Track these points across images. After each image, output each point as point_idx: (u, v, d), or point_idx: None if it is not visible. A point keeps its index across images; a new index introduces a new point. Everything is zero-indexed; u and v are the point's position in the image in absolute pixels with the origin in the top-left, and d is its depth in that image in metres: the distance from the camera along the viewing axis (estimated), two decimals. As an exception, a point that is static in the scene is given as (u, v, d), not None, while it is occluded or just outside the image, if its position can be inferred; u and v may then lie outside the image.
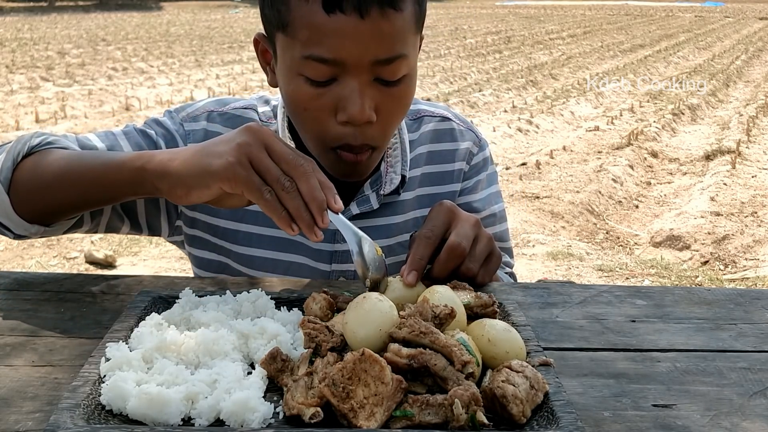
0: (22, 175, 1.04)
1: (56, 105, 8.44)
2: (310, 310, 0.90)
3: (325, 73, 1.03)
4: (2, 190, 1.03)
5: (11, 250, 4.41)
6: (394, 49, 1.02)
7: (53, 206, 1.06)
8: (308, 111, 1.07)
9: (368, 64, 1.02)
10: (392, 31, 1.01)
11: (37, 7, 28.26)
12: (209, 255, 1.26)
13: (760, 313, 1.06)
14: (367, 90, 1.03)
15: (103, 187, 1.02)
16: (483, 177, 1.35)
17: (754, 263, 4.35)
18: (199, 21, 22.45)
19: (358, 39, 1.00)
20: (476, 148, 1.35)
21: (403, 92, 1.08)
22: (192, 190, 0.92)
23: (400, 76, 1.05)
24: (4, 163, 1.04)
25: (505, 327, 0.83)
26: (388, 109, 1.07)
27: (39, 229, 1.08)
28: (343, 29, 0.99)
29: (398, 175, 1.24)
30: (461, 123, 1.36)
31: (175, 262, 4.25)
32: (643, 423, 0.76)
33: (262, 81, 10.19)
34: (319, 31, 1.00)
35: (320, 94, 1.05)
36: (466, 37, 17.41)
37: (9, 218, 1.05)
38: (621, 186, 5.83)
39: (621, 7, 33.25)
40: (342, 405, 0.69)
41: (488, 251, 1.06)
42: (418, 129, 1.31)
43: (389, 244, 1.25)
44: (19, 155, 1.05)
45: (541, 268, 4.19)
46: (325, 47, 1.01)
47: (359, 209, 1.22)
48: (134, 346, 0.81)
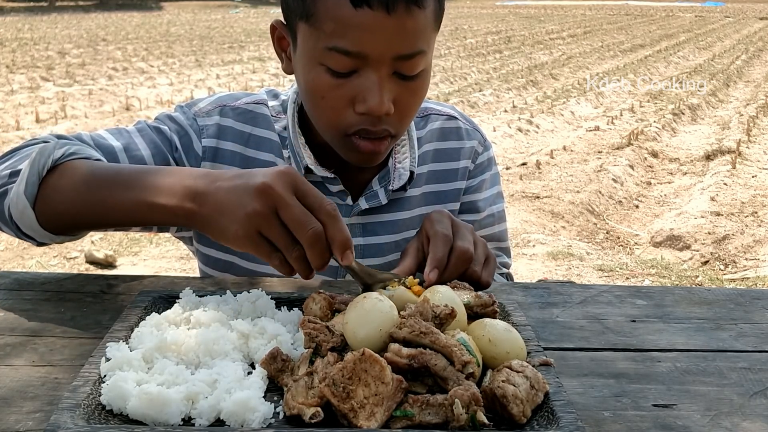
0: (47, 193, 1.00)
1: (56, 105, 8.44)
2: (310, 310, 0.90)
3: (347, 65, 1.05)
4: (28, 206, 1.00)
5: (11, 250, 4.41)
6: (416, 45, 1.05)
7: (80, 225, 1.04)
8: (326, 99, 1.09)
9: (390, 58, 1.04)
10: (415, 28, 1.03)
11: (37, 7, 28.25)
12: (216, 253, 1.26)
13: (760, 313, 1.06)
14: (386, 83, 1.05)
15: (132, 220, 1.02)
16: (487, 177, 1.37)
17: (755, 263, 4.35)
18: (200, 21, 22.45)
19: (383, 34, 1.02)
20: (481, 147, 1.37)
21: (419, 86, 1.10)
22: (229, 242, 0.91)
23: (418, 71, 1.08)
24: (29, 178, 1.00)
25: (505, 327, 0.83)
26: (405, 102, 1.09)
27: (64, 239, 1.07)
28: (369, 23, 1.01)
29: (407, 171, 1.25)
30: (467, 122, 1.37)
31: (175, 262, 4.25)
32: (643, 423, 0.76)
33: (262, 81, 10.19)
34: (345, 24, 1.02)
35: (340, 84, 1.06)
36: (467, 37, 17.41)
37: (34, 231, 1.03)
38: (621, 186, 5.82)
39: (621, 7, 33.25)
40: (342, 405, 0.69)
41: (485, 254, 1.08)
42: (425, 126, 1.33)
43: (395, 240, 1.26)
44: (44, 169, 1.01)
45: (541, 268, 4.19)
46: (350, 40, 1.02)
47: (368, 204, 1.23)
48: (134, 346, 0.81)
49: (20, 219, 1.01)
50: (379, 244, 1.25)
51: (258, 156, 1.24)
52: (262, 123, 1.25)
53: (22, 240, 1.07)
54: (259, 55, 13.39)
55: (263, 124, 1.25)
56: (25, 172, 1.00)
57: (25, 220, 1.01)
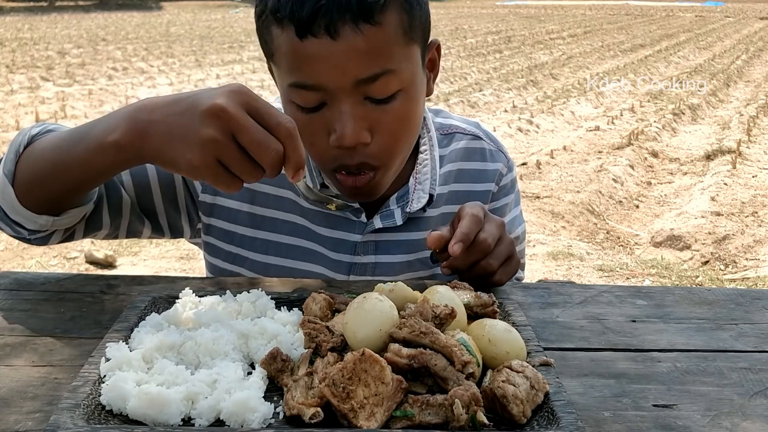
0: (20, 167, 1.00)
1: (56, 105, 8.44)
2: (310, 311, 0.89)
3: (311, 99, 1.02)
4: (7, 183, 1.00)
5: (11, 250, 4.41)
6: (377, 65, 0.99)
7: (51, 193, 1.01)
8: (304, 136, 1.03)
9: (350, 84, 0.99)
10: (370, 48, 0.98)
11: (37, 7, 28.26)
12: (222, 264, 1.25)
13: (760, 313, 1.06)
14: (357, 111, 1.01)
15: (90, 171, 0.96)
16: (510, 199, 1.34)
17: (755, 263, 4.35)
18: (199, 21, 22.45)
19: (333, 61, 0.98)
20: (506, 169, 1.33)
21: (400, 108, 1.04)
22: (170, 169, 0.88)
23: (391, 93, 1.03)
24: (7, 156, 1.01)
25: (505, 327, 0.83)
26: (385, 128, 1.04)
27: (48, 220, 1.02)
28: (317, 53, 0.98)
29: (426, 194, 1.21)
30: (491, 143, 1.33)
31: (175, 262, 4.25)
32: (643, 423, 0.76)
33: (262, 81, 10.19)
34: (297, 58, 0.99)
35: (311, 119, 1.03)
36: (467, 37, 17.41)
37: (17, 211, 1.01)
38: (621, 186, 5.82)
39: (621, 7, 33.24)
40: (342, 405, 0.69)
41: (509, 253, 1.06)
42: (449, 145, 1.29)
43: (408, 260, 1.22)
44: (20, 146, 1.01)
45: (541, 268, 4.19)
46: (304, 73, 1.00)
47: (382, 224, 1.19)
48: (134, 346, 0.81)
49: (3, 199, 1.01)
50: (392, 263, 1.22)
51: None
52: None
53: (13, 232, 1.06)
54: (259, 55, 13.36)
55: None
56: (7, 153, 1.01)
57: (7, 198, 1.00)
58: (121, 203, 1.16)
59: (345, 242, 1.20)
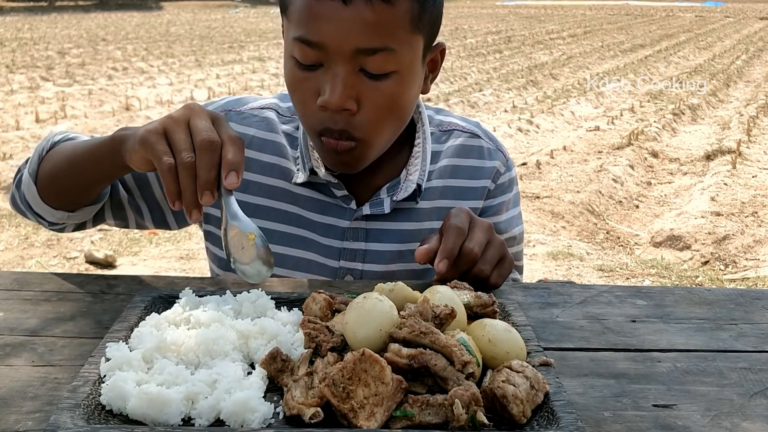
0: (43, 168, 1.17)
1: (56, 105, 8.44)
2: (310, 310, 0.89)
3: (310, 56, 1.06)
4: (31, 181, 1.17)
5: (11, 250, 4.41)
6: (379, 40, 1.04)
7: (68, 190, 1.17)
8: (296, 93, 1.11)
9: (350, 51, 1.04)
10: (377, 22, 1.02)
11: (37, 7, 28.25)
12: (220, 252, 1.27)
13: (760, 313, 1.06)
14: (349, 79, 1.05)
15: (96, 165, 1.11)
16: (508, 198, 1.35)
17: (755, 263, 4.35)
18: (199, 21, 22.44)
19: (340, 24, 1.02)
20: (504, 168, 1.33)
21: (391, 89, 1.08)
22: (132, 154, 0.99)
23: (387, 71, 1.06)
24: (33, 157, 1.20)
25: (505, 327, 0.83)
26: (373, 103, 1.08)
27: (63, 215, 1.19)
28: (327, 13, 1.03)
29: (414, 184, 1.23)
30: (490, 142, 1.34)
31: (175, 262, 4.25)
32: (643, 423, 0.76)
33: (262, 81, 10.18)
34: (307, 15, 1.04)
35: (306, 77, 1.08)
36: (467, 36, 17.41)
37: (39, 207, 1.18)
38: (621, 186, 5.82)
39: (621, 7, 33.24)
40: (342, 405, 0.69)
41: (500, 255, 1.08)
42: (446, 141, 1.31)
43: (398, 249, 1.24)
44: (43, 150, 1.19)
45: (541, 268, 4.19)
46: (310, 30, 1.04)
47: (371, 211, 1.23)
48: (134, 346, 0.81)
49: (28, 195, 1.19)
50: (381, 251, 1.24)
51: (260, 158, 1.25)
52: (267, 126, 1.27)
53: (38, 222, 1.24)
54: (259, 55, 13.39)
55: (267, 128, 1.27)
56: (32, 156, 1.20)
57: (30, 195, 1.18)
58: (121, 200, 1.27)
59: (334, 228, 1.23)
